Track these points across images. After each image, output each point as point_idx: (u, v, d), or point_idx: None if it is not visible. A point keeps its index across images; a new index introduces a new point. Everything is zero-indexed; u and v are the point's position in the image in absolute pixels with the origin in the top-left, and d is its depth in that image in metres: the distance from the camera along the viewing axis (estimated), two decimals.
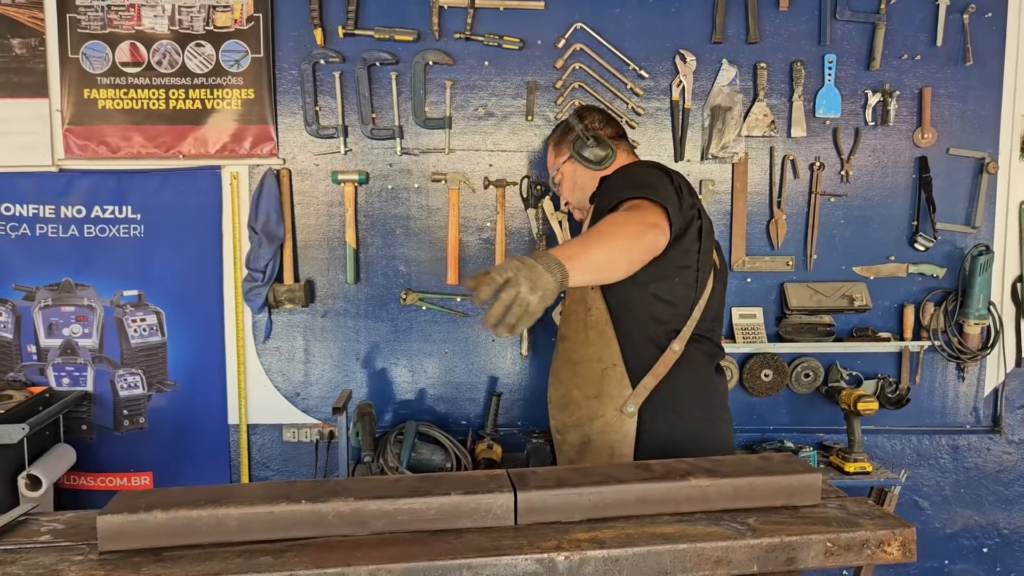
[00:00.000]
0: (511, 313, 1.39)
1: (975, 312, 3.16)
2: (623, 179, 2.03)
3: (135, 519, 1.12)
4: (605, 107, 3.07)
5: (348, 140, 3.10)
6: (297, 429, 3.21)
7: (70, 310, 3.12)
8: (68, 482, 3.14)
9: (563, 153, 2.42)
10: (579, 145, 2.34)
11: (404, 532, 1.17)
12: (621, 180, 2.03)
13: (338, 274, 3.16)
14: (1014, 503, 3.36)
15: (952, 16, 3.12)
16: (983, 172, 3.18)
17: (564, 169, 2.42)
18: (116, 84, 3.03)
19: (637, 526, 1.18)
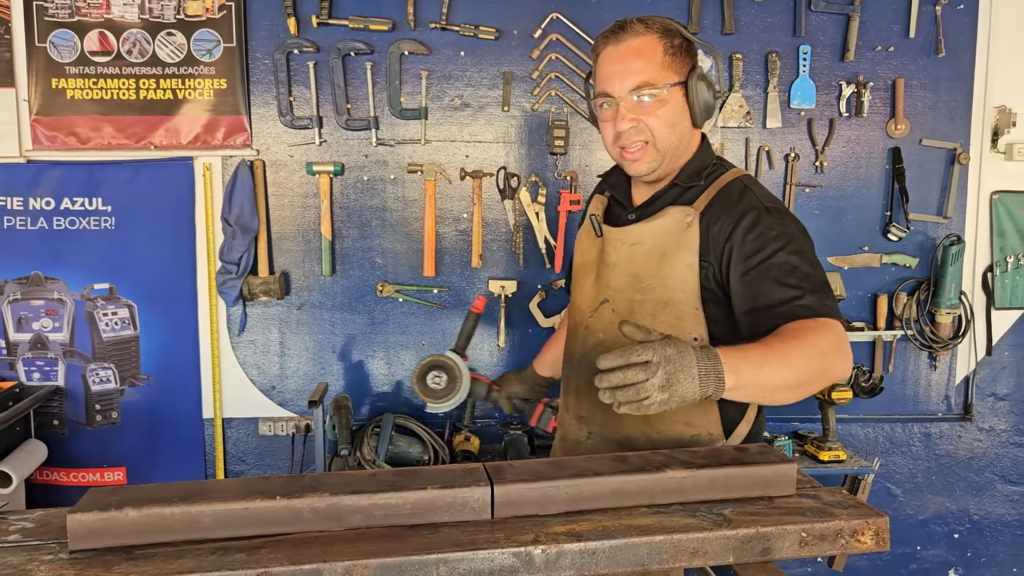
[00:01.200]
0: (623, 394, 1.23)
1: (947, 301, 3.20)
2: (787, 255, 1.53)
3: (106, 517, 1.10)
4: (582, 96, 3.06)
5: (323, 131, 3.07)
6: (273, 423, 3.19)
7: (40, 304, 3.07)
8: (40, 478, 3.09)
9: (680, 71, 1.63)
10: (698, 77, 1.64)
11: (380, 527, 1.16)
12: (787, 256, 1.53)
13: (313, 266, 3.13)
14: (984, 489, 3.41)
15: (925, 8, 3.14)
16: (955, 163, 3.21)
17: (674, 93, 1.62)
18: (85, 74, 2.98)
19: (614, 518, 1.18)
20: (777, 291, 1.50)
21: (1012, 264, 3.31)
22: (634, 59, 1.59)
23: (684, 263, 1.60)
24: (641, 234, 1.67)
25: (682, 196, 1.67)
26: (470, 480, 1.20)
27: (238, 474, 3.22)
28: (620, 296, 1.69)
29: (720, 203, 1.62)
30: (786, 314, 1.47)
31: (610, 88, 1.61)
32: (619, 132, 1.62)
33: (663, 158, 1.64)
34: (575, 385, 1.80)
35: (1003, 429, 3.39)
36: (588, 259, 1.80)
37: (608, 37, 1.64)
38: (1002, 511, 3.43)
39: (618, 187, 1.80)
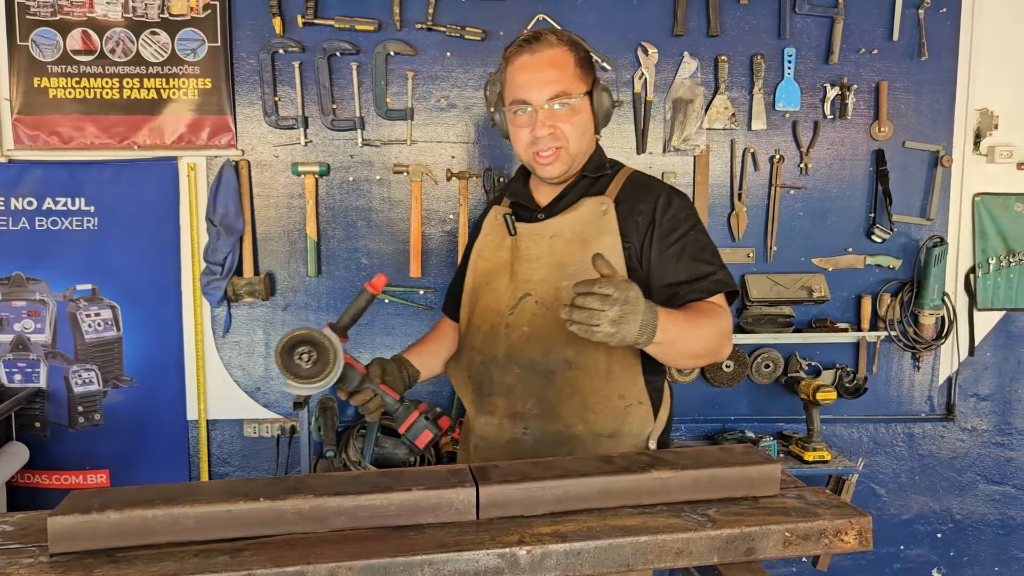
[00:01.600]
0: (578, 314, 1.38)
1: (930, 303, 3.23)
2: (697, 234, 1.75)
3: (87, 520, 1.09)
4: None
5: (308, 131, 3.06)
6: (258, 424, 3.17)
7: (21, 304, 3.04)
8: (21, 480, 3.06)
9: (587, 82, 1.76)
10: (601, 88, 1.79)
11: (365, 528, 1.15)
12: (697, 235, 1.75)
13: (299, 267, 3.12)
14: (967, 489, 3.44)
15: (908, 11, 3.17)
16: (938, 165, 3.23)
17: (584, 102, 1.75)
18: (68, 72, 2.95)
19: (599, 519, 1.19)
20: (695, 267, 1.70)
21: (994, 265, 3.34)
22: (550, 69, 1.70)
23: (607, 246, 1.70)
24: (559, 226, 1.76)
25: (592, 187, 1.80)
26: (455, 481, 1.20)
27: (223, 476, 3.20)
28: (544, 287, 1.74)
29: (631, 189, 1.79)
30: (705, 289, 1.69)
31: (527, 96, 1.71)
32: (536, 138, 1.72)
33: (573, 161, 1.77)
34: (504, 384, 1.79)
35: (985, 429, 3.42)
36: (499, 262, 1.83)
37: (523, 47, 1.72)
38: (984, 510, 3.46)
39: (520, 193, 1.88)
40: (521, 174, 1.93)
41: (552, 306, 1.72)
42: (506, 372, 1.78)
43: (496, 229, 1.87)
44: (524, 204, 1.86)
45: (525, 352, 1.75)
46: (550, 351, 1.73)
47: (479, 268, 1.88)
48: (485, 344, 1.82)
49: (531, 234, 1.79)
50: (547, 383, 1.74)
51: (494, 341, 1.80)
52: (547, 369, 1.74)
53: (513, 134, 1.78)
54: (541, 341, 1.73)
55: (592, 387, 1.73)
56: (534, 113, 1.71)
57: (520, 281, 1.78)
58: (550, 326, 1.72)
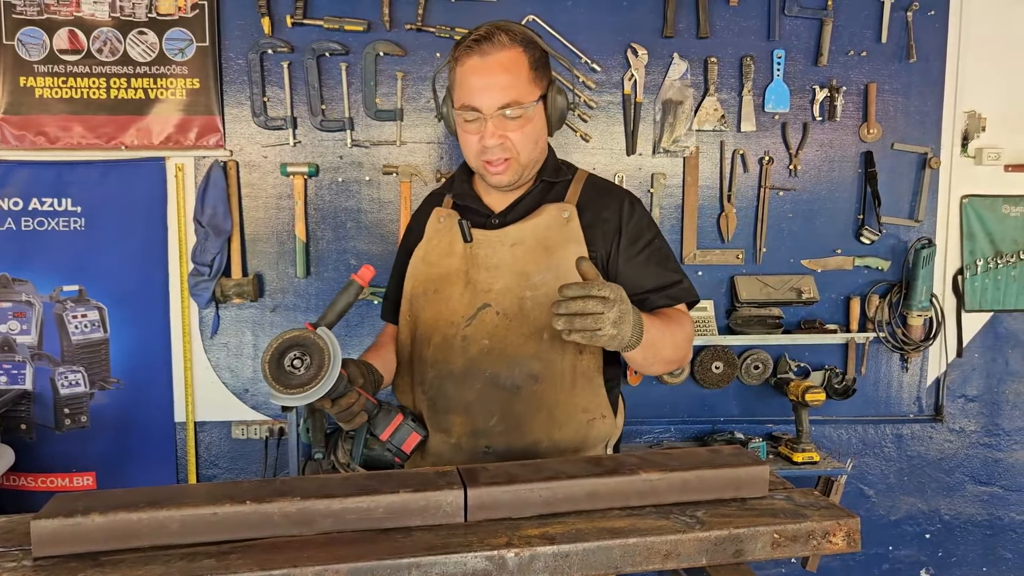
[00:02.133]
0: (580, 321, 1.31)
1: (918, 304, 3.24)
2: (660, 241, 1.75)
3: (71, 523, 1.08)
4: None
5: (297, 132, 3.05)
6: (246, 426, 3.15)
7: (7, 306, 3.02)
8: (7, 483, 3.04)
9: (541, 86, 1.66)
10: (556, 90, 1.70)
11: (352, 531, 1.15)
12: (660, 243, 1.75)
13: (287, 268, 3.11)
14: (955, 489, 3.46)
15: (896, 14, 3.18)
16: (926, 167, 3.25)
17: (537, 109, 1.66)
18: (54, 72, 2.93)
19: (588, 521, 1.18)
20: (663, 274, 1.71)
21: (982, 267, 3.35)
22: (502, 74, 1.59)
23: (573, 254, 1.60)
24: (520, 233, 1.68)
25: (550, 192, 1.74)
26: (443, 483, 1.20)
27: (211, 478, 3.18)
28: (506, 297, 1.66)
29: (591, 194, 1.74)
30: (674, 296, 1.70)
31: (477, 103, 1.60)
32: (485, 147, 1.62)
33: (523, 170, 1.68)
34: (462, 400, 1.68)
35: (973, 430, 3.44)
36: (449, 269, 1.71)
37: (472, 48, 1.60)
38: (972, 511, 3.47)
39: (467, 196, 1.77)
40: (464, 173, 1.82)
41: (516, 317, 1.64)
42: (465, 387, 1.67)
43: (442, 233, 1.74)
44: (474, 208, 1.76)
45: (486, 366, 1.66)
46: (515, 364, 1.65)
47: (422, 274, 1.75)
48: (438, 357, 1.70)
49: (489, 241, 1.69)
50: (512, 398, 1.65)
51: (448, 354, 1.69)
52: (512, 384, 1.65)
53: (462, 138, 1.68)
54: (504, 354, 1.65)
55: (558, 400, 1.66)
56: (483, 120, 1.60)
57: (479, 291, 1.68)
58: (514, 338, 1.64)
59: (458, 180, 1.81)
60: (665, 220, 3.19)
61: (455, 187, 1.80)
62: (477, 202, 1.76)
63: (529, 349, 1.64)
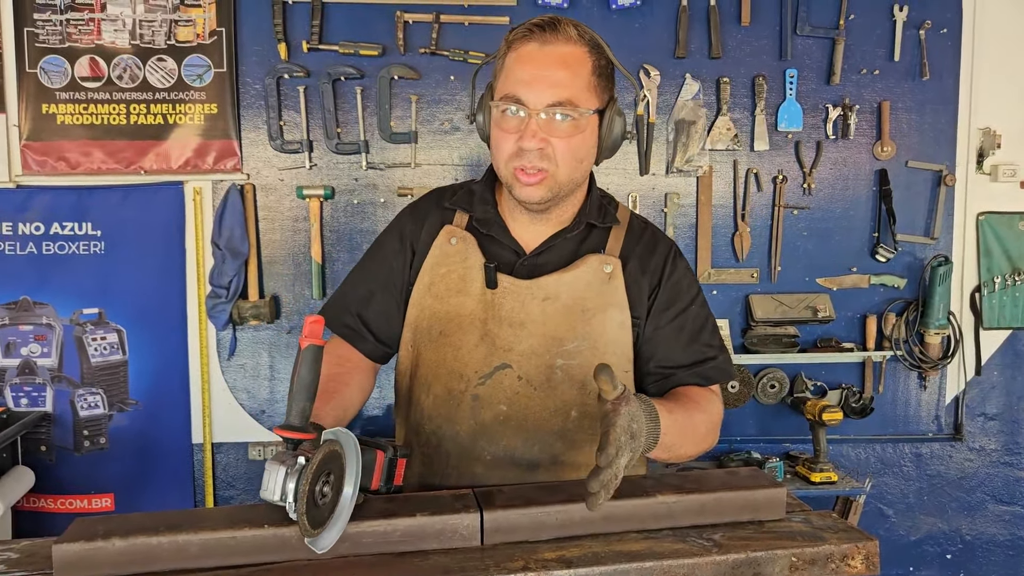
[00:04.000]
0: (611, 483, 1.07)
1: (935, 322, 3.22)
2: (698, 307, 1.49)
3: (92, 547, 1.09)
4: None
5: (313, 155, 3.08)
6: (263, 447, 3.17)
7: (28, 329, 3.05)
8: (27, 505, 3.06)
9: (601, 97, 1.40)
10: (616, 111, 1.42)
11: (369, 555, 1.15)
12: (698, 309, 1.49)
13: (304, 289, 3.13)
14: (976, 509, 3.41)
15: (909, 32, 3.18)
16: (941, 184, 3.24)
17: (591, 122, 1.38)
18: (75, 99, 2.98)
19: (604, 544, 1.18)
20: (696, 349, 1.47)
21: (999, 284, 3.33)
22: (560, 68, 1.33)
23: (615, 322, 1.42)
24: (556, 287, 1.42)
25: (589, 237, 1.48)
26: (459, 506, 1.20)
27: (228, 499, 3.19)
28: (532, 362, 1.42)
29: (635, 248, 1.48)
30: (705, 375, 1.47)
31: (524, 95, 1.32)
32: (521, 149, 1.34)
33: (560, 189, 1.38)
34: (468, 472, 1.44)
35: (993, 449, 3.40)
36: (462, 311, 1.45)
37: (532, 32, 1.35)
38: (994, 531, 3.43)
39: (492, 223, 1.48)
40: (487, 190, 1.51)
41: (541, 386, 1.41)
42: (471, 457, 1.44)
43: (453, 261, 1.46)
44: (498, 239, 1.47)
45: (501, 437, 1.42)
46: (535, 441, 1.42)
47: (428, 308, 1.47)
48: (439, 412, 1.46)
49: (516, 291, 1.42)
50: (525, 477, 1.42)
51: (454, 412, 1.45)
52: (530, 462, 1.43)
53: (495, 136, 1.39)
54: (524, 427, 1.42)
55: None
56: (527, 118, 1.33)
57: (498, 347, 1.42)
58: (537, 410, 1.41)
59: (479, 198, 1.50)
60: (679, 239, 3.19)
61: (476, 207, 1.49)
62: (504, 233, 1.47)
63: (554, 425, 1.42)
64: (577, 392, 1.41)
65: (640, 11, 3.10)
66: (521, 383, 1.42)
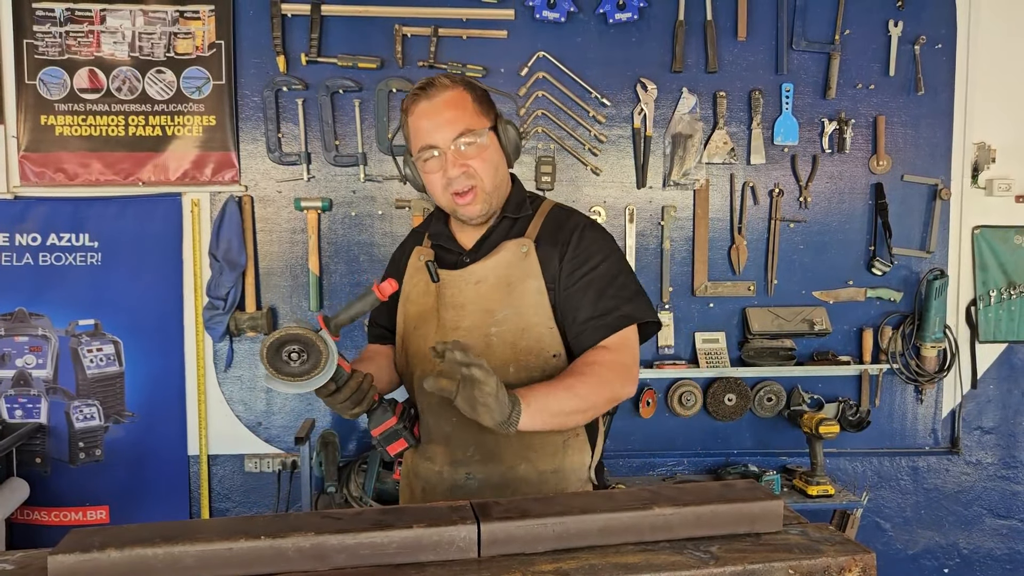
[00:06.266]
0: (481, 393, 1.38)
1: (931, 335, 3.22)
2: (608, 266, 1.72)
3: (88, 559, 1.09)
4: (568, 133, 3.11)
5: (311, 167, 3.09)
6: (259, 459, 3.16)
7: (23, 340, 3.05)
8: (21, 517, 3.05)
9: (489, 117, 1.74)
10: (504, 122, 1.77)
11: (366, 567, 1.15)
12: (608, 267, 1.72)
13: (301, 301, 3.13)
14: (973, 523, 3.41)
15: (904, 47, 3.21)
16: (936, 198, 3.25)
17: (491, 138, 1.72)
18: (74, 111, 2.99)
19: (601, 556, 1.18)
20: (602, 302, 1.67)
21: (995, 298, 3.34)
22: (448, 110, 1.66)
23: (533, 289, 1.69)
24: (483, 271, 1.73)
25: (513, 228, 1.77)
26: (456, 518, 1.20)
27: (224, 511, 3.18)
28: (473, 334, 1.72)
29: (549, 229, 1.75)
30: (608, 324, 1.66)
31: (433, 140, 1.66)
32: (450, 179, 1.66)
33: (490, 199, 1.71)
34: (442, 432, 1.76)
35: (990, 462, 3.40)
36: (426, 307, 1.79)
37: (419, 95, 1.68)
38: (991, 545, 3.42)
39: (441, 236, 1.82)
40: (441, 214, 1.85)
41: (482, 353, 1.66)
42: (442, 419, 1.75)
43: (420, 272, 1.81)
44: (447, 247, 1.81)
45: None
46: None
47: (409, 312, 1.83)
48: (419, 390, 1.77)
49: (455, 280, 1.75)
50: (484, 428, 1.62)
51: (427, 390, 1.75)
52: None
53: (427, 182, 1.73)
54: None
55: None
56: (443, 155, 1.66)
57: (447, 328, 1.74)
58: None
59: (435, 220, 1.86)
60: (676, 252, 3.20)
61: (432, 226, 1.85)
62: (451, 241, 1.81)
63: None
64: (511, 351, 1.70)
65: (637, 26, 3.12)
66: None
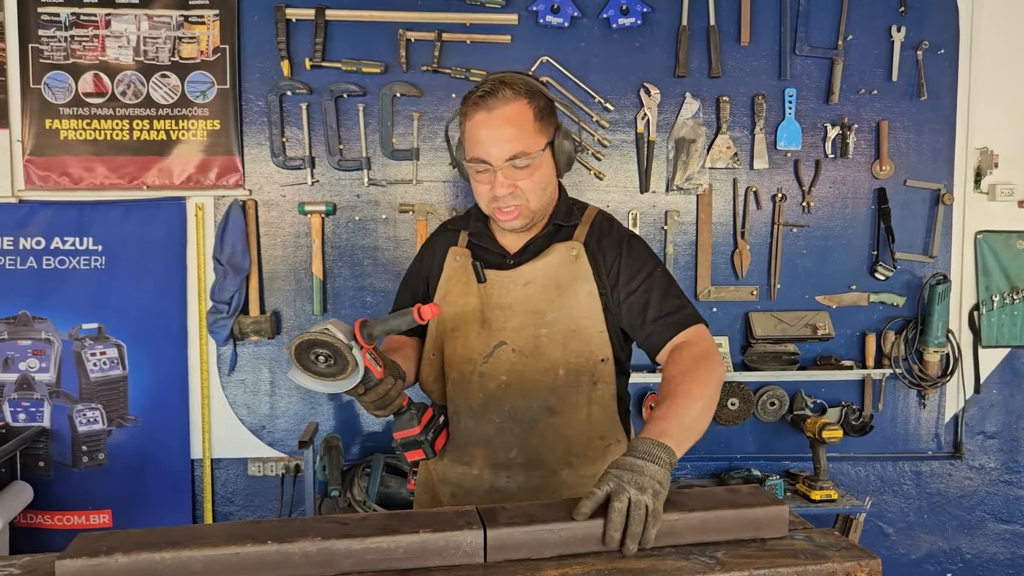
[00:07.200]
0: (633, 520, 1.19)
1: (934, 340, 3.22)
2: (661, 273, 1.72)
3: (95, 563, 1.09)
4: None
5: (315, 171, 3.09)
6: (262, 463, 3.16)
7: (27, 344, 3.05)
8: (24, 521, 3.05)
9: (547, 133, 1.70)
10: (562, 135, 1.73)
11: (372, 572, 1.15)
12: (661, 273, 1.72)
13: (304, 305, 3.13)
14: (976, 528, 3.41)
15: (906, 52, 3.21)
16: (939, 203, 3.26)
17: (544, 157, 1.69)
18: (79, 115, 3.00)
19: (607, 562, 1.18)
20: (666, 302, 1.69)
21: (998, 302, 3.34)
22: (506, 127, 1.62)
23: (584, 292, 1.70)
24: (532, 273, 1.73)
25: (560, 232, 1.77)
26: (462, 523, 1.20)
27: (227, 515, 3.18)
28: (521, 335, 1.71)
29: (597, 235, 1.76)
30: (678, 321, 1.66)
31: (485, 155, 1.64)
32: (496, 196, 1.66)
33: (534, 216, 1.71)
34: (483, 435, 1.74)
35: (993, 467, 3.40)
36: (466, 308, 1.76)
37: (478, 104, 1.64)
38: (994, 550, 3.42)
39: (482, 236, 1.80)
40: (480, 213, 1.82)
41: (532, 354, 1.69)
42: (484, 422, 1.74)
43: (459, 273, 1.79)
44: (488, 248, 1.79)
45: (505, 401, 1.72)
46: (532, 399, 1.71)
47: (446, 314, 1.79)
48: (456, 393, 1.76)
49: (502, 281, 1.74)
50: (529, 431, 1.72)
51: (466, 390, 1.75)
52: (529, 417, 1.71)
53: (475, 187, 1.72)
54: (521, 389, 1.70)
55: (575, 432, 1.72)
56: (493, 172, 1.64)
57: (494, 329, 1.73)
58: (530, 374, 1.70)
59: (474, 219, 1.83)
60: (679, 257, 3.21)
61: (471, 226, 1.82)
62: (492, 242, 1.79)
63: (545, 384, 1.69)
64: (561, 352, 1.69)
65: (640, 31, 3.13)
66: (516, 354, 1.71)
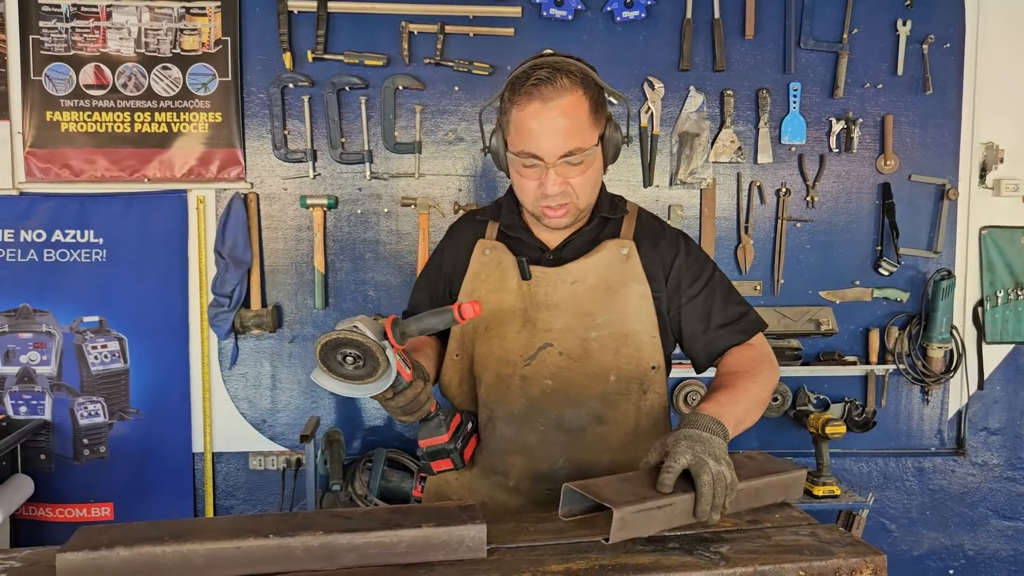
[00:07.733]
0: (718, 492, 1.20)
1: (938, 336, 3.21)
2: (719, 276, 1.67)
3: (97, 556, 1.08)
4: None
5: (317, 164, 3.08)
6: (264, 457, 3.16)
7: (28, 336, 3.05)
8: (25, 513, 3.04)
9: (600, 124, 1.56)
10: (612, 127, 1.60)
11: (375, 566, 1.14)
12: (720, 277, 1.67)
13: (306, 299, 3.12)
14: (978, 524, 3.40)
15: (912, 46, 3.19)
16: (944, 198, 3.24)
17: (596, 152, 1.55)
18: (80, 107, 2.99)
19: (611, 556, 1.17)
20: (729, 308, 1.64)
21: (1002, 298, 3.33)
22: (564, 119, 1.49)
23: (636, 294, 1.59)
24: (580, 271, 1.60)
25: (605, 228, 1.66)
26: (465, 517, 1.19)
27: (228, 509, 3.18)
28: (569, 337, 1.59)
29: (646, 231, 1.67)
30: (743, 329, 1.63)
31: (537, 150, 1.49)
32: (546, 193, 1.53)
33: (582, 213, 1.60)
34: (524, 443, 1.60)
35: (996, 464, 3.39)
36: (503, 306, 1.63)
37: (532, 93, 1.49)
38: (997, 546, 3.41)
39: (517, 228, 1.67)
40: (513, 203, 1.69)
41: (580, 358, 1.58)
42: (526, 429, 1.60)
43: (489, 267, 1.66)
44: (524, 241, 1.66)
45: (550, 407, 1.59)
46: (580, 406, 1.59)
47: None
48: (491, 398, 1.63)
49: (548, 278, 1.60)
50: (575, 441, 1.60)
51: (505, 395, 1.61)
52: (577, 426, 1.59)
53: (518, 182, 1.58)
54: (568, 395, 1.58)
55: (621, 443, 1.60)
56: (544, 168, 1.50)
57: (538, 330, 1.59)
58: (577, 379, 1.58)
59: (506, 209, 1.69)
60: None
61: (504, 217, 1.68)
62: (528, 235, 1.66)
63: (594, 391, 1.58)
64: (612, 358, 1.58)
65: (644, 24, 3.11)
66: (562, 358, 1.59)
